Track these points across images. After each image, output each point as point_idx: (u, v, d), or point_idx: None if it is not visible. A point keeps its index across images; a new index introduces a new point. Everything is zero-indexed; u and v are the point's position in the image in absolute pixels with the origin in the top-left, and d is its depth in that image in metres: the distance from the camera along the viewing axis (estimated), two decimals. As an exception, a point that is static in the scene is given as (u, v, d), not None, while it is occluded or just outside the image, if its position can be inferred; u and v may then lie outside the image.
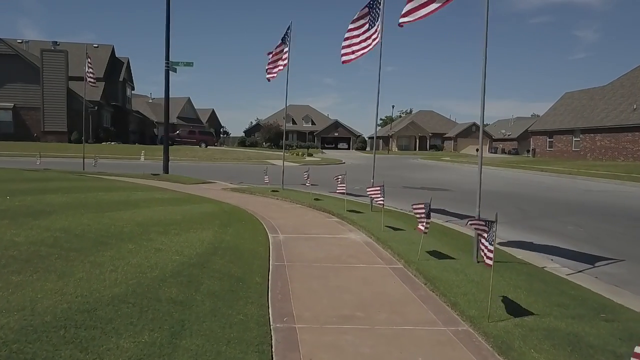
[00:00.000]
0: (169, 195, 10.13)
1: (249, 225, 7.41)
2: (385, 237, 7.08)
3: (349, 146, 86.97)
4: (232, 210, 8.95)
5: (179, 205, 8.54)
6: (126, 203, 7.98)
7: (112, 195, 8.72)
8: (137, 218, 6.56)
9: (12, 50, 40.73)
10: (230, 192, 13.23)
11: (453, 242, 7.08)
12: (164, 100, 17.39)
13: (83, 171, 17.36)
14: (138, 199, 8.71)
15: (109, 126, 46.65)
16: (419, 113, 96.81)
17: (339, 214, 9.32)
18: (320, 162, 37.12)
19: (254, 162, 31.56)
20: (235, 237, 6.25)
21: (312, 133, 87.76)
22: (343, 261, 5.77)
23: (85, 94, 42.72)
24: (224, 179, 18.27)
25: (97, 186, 10.09)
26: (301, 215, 9.38)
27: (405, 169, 32.06)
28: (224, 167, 27.90)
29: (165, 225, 6.27)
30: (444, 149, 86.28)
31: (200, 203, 9.44)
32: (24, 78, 40.54)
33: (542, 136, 52.40)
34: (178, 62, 16.79)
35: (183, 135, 51.88)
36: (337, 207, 10.06)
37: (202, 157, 34.61)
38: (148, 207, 7.78)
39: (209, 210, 8.36)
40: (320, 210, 10.08)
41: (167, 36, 16.76)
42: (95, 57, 49.68)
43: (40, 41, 49.79)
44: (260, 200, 11.68)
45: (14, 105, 40.68)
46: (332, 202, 11.15)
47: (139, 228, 5.86)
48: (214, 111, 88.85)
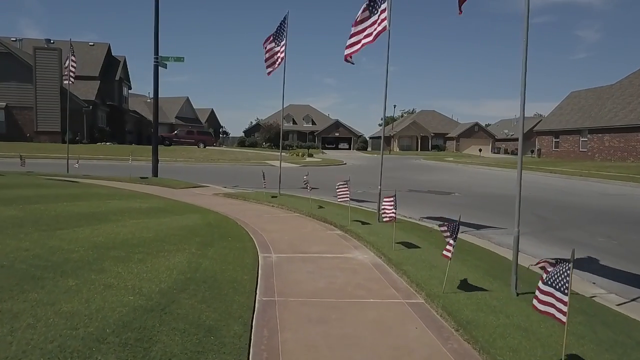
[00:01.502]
0: (149, 204, 8.97)
1: (236, 243, 6.24)
2: (398, 257, 5.92)
3: (350, 146, 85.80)
4: (219, 223, 7.78)
5: (157, 218, 7.38)
6: (91, 216, 6.81)
7: (79, 206, 7.55)
8: (96, 238, 5.40)
9: (4, 49, 39.57)
10: (221, 199, 12.07)
11: (479, 263, 5.91)
12: (153, 97, 16.21)
13: (66, 174, 16.21)
14: (109, 210, 7.54)
15: (104, 126, 45.46)
16: (421, 113, 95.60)
17: (342, 225, 8.15)
18: (320, 163, 35.94)
19: (253, 164, 30.39)
20: (216, 261, 5.08)
21: (313, 133, 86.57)
22: (349, 294, 4.61)
23: (80, 93, 41.84)
24: (219, 182, 17.12)
25: (67, 194, 8.92)
26: (299, 227, 8.21)
27: (409, 170, 30.87)
28: (220, 168, 26.74)
29: (130, 248, 5.10)
30: (446, 149, 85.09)
31: (183, 213, 8.27)
32: (16, 77, 39.41)
33: (548, 136, 51.18)
34: (168, 57, 15.62)
35: (181, 135, 50.78)
36: (340, 217, 8.90)
37: (199, 158, 33.46)
38: (117, 222, 6.62)
39: (191, 224, 7.19)
40: (321, 220, 8.91)
41: (155, 29, 15.60)
42: (90, 55, 48.65)
43: (34, 39, 48.69)
44: (254, 208, 10.52)
45: (7, 105, 39.56)
46: (334, 210, 9.98)
47: (92, 253, 4.70)
48: (213, 111, 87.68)
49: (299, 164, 32.28)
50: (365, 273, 5.41)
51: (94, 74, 46.18)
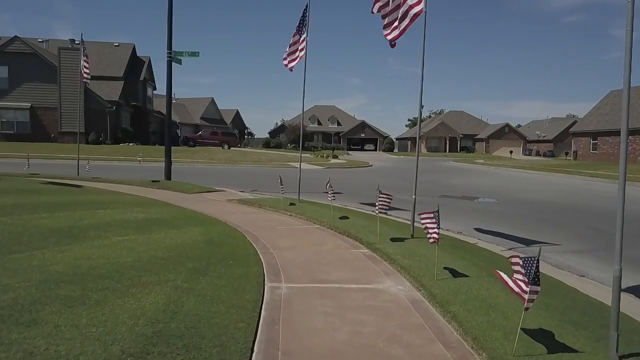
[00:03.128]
0: (147, 214, 7.82)
1: (239, 268, 5.01)
2: (442, 291, 4.61)
3: (375, 147, 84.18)
4: (223, 239, 6.57)
5: (149, 233, 6.22)
6: (65, 233, 5.62)
7: (56, 219, 6.41)
8: (54, 266, 4.21)
9: (30, 49, 39.53)
10: (235, 206, 10.90)
11: (548, 301, 4.53)
12: (167, 95, 15.20)
13: (75, 176, 15.33)
14: (93, 223, 6.39)
15: (127, 127, 45.05)
16: (449, 113, 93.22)
17: (369, 242, 6.85)
18: (345, 164, 34.61)
19: (275, 166, 29.27)
20: (206, 299, 3.86)
21: (338, 134, 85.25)
22: (381, 354, 3.32)
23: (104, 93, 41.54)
24: (237, 185, 16.00)
25: (51, 202, 7.78)
26: (318, 244, 6.94)
27: (439, 172, 29.29)
28: (241, 170, 25.71)
29: (92, 281, 3.90)
30: (475, 150, 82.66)
31: (184, 226, 7.08)
32: (41, 77, 39.33)
33: (585, 137, 48.69)
34: (182, 52, 14.59)
35: (205, 136, 50.23)
36: (366, 231, 7.60)
37: (221, 159, 32.54)
38: (95, 239, 5.44)
39: (188, 241, 6.00)
40: (344, 235, 7.62)
41: (169, 23, 14.57)
42: (115, 56, 48.46)
43: (60, 40, 48.73)
44: (269, 217, 9.29)
45: (31, 105, 39.50)
46: (360, 221, 8.69)
47: (35, 291, 3.51)
48: (239, 112, 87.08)
49: (323, 166, 31.03)
50: (401, 316, 4.11)
51: (118, 75, 45.89)
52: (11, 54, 38.90)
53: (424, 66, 7.19)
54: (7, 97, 39.13)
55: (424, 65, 7.20)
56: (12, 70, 39.01)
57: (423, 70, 7.21)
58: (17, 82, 39.16)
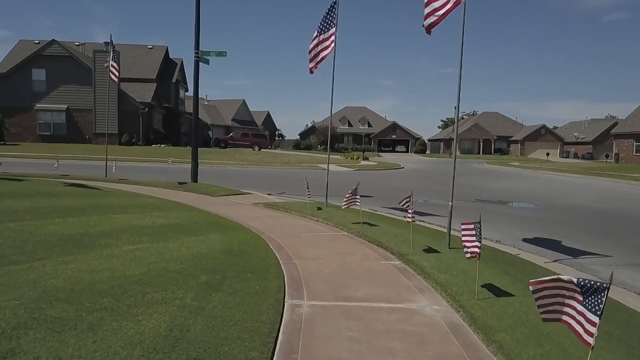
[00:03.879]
0: (167, 220, 7.45)
1: (256, 283, 4.56)
2: (484, 313, 4.05)
3: (407, 149, 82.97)
4: (244, 247, 6.14)
5: (165, 241, 5.83)
6: (74, 240, 5.22)
7: (68, 225, 6.04)
8: (52, 280, 3.80)
9: (66, 52, 40.36)
10: (260, 210, 10.51)
11: (613, 329, 3.92)
12: (193, 95, 14.97)
13: (103, 178, 15.27)
14: (106, 229, 5.99)
15: (159, 128, 45.52)
16: (483, 114, 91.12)
17: (401, 253, 6.30)
18: (376, 166, 33.95)
19: (304, 167, 28.87)
20: (215, 321, 3.41)
21: (369, 135, 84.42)
22: (416, 394, 2.82)
23: (137, 95, 42.05)
24: (265, 187, 15.65)
25: (67, 206, 7.38)
26: (345, 254, 6.44)
27: (473, 175, 28.32)
28: (270, 172, 25.41)
29: (89, 299, 3.45)
30: (509, 152, 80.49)
31: (203, 233, 6.68)
32: (77, 80, 40.07)
33: (628, 139, 46.60)
34: (209, 51, 14.32)
35: (236, 137, 50.36)
36: (398, 240, 7.06)
37: (251, 160, 32.35)
38: (104, 248, 5.06)
39: (205, 250, 5.58)
40: (374, 243, 7.09)
41: (197, 22, 14.33)
42: (148, 58, 49.10)
43: (96, 43, 49.66)
44: (295, 223, 8.84)
45: (68, 107, 40.29)
46: (390, 228, 8.14)
47: (23, 312, 3.10)
48: (270, 114, 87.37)
49: (353, 168, 30.47)
50: (438, 344, 3.57)
51: (151, 77, 46.42)
52: (49, 57, 39.80)
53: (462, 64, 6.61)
54: (45, 99, 40.03)
55: (462, 60, 6.62)
56: (50, 73, 39.89)
57: (461, 67, 6.62)
58: (54, 85, 40.02)
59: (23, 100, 39.27)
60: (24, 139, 39.02)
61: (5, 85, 39.31)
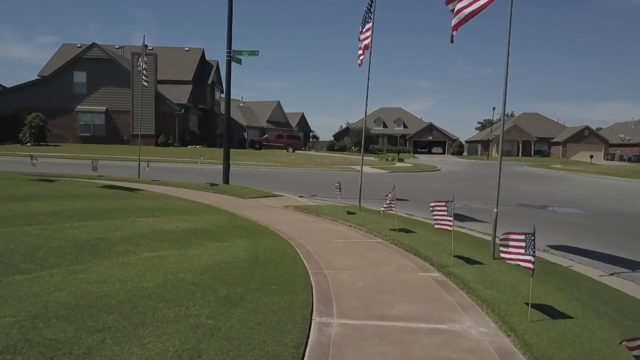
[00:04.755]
0: (193, 224, 7.11)
1: (281, 297, 4.15)
2: (541, 339, 3.52)
3: (444, 150, 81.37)
4: (271, 255, 5.74)
5: (187, 247, 5.49)
6: (91, 246, 4.91)
7: (89, 229, 5.72)
8: (55, 293, 3.42)
9: (106, 55, 41.22)
10: (291, 213, 10.12)
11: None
12: (225, 96, 14.76)
13: (136, 179, 15.24)
14: (126, 234, 5.68)
15: (195, 129, 45.97)
16: (523, 115, 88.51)
17: (441, 264, 5.78)
18: (412, 168, 33.17)
19: (338, 169, 28.44)
20: (232, 344, 3.01)
21: (404, 137, 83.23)
22: None
23: (173, 97, 42.55)
24: (297, 189, 15.30)
25: (91, 209, 7.13)
26: (380, 264, 5.96)
27: (513, 178, 27.23)
28: (303, 174, 25.09)
29: (91, 316, 3.08)
30: (550, 155, 77.84)
31: (229, 239, 6.32)
32: (116, 82, 40.83)
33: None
34: (242, 50, 14.07)
35: (271, 139, 50.46)
36: (437, 249, 6.53)
37: (284, 162, 32.16)
38: (121, 256, 4.70)
39: (229, 259, 5.20)
40: (411, 252, 6.58)
41: (229, 21, 14.10)
42: (185, 60, 49.69)
43: (134, 46, 50.57)
44: (326, 228, 8.41)
45: (107, 109, 41.12)
46: (429, 235, 7.60)
47: (16, 332, 2.81)
48: (304, 115, 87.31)
49: (387, 170, 29.82)
50: (488, 377, 3.08)
51: (188, 79, 46.94)
52: (89, 60, 40.74)
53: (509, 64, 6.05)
54: (85, 101, 40.97)
55: (508, 60, 6.06)
56: (90, 76, 40.81)
57: (508, 67, 6.06)
58: (94, 87, 40.92)
59: (65, 102, 40.30)
60: (65, 140, 40.04)
61: (48, 88, 40.47)
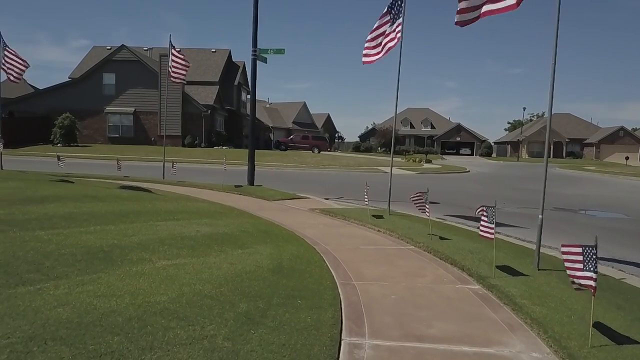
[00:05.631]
0: (214, 228, 6.73)
1: (307, 313, 3.75)
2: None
3: (472, 152, 79.86)
4: (296, 264, 5.35)
5: (206, 255, 5.10)
6: (104, 254, 4.56)
7: (104, 233, 5.35)
8: (57, 309, 3.07)
9: (134, 57, 41.67)
10: (317, 216, 9.73)
11: None
12: (251, 96, 14.49)
13: (162, 179, 15.10)
14: (143, 240, 5.24)
15: (221, 130, 46.08)
16: (554, 116, 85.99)
17: (481, 276, 5.29)
18: (440, 170, 32.43)
19: (363, 170, 27.94)
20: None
21: (432, 137, 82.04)
22: None
23: (200, 98, 42.71)
24: (322, 191, 14.92)
25: (108, 212, 6.73)
26: (414, 274, 5.50)
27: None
28: (329, 175, 24.70)
29: (93, 337, 2.68)
30: (583, 156, 75.55)
31: (252, 244, 5.94)
32: (144, 83, 41.22)
33: None
34: (267, 49, 13.76)
35: (296, 140, 50.32)
36: (475, 258, 6.03)
37: (310, 163, 31.82)
38: (135, 265, 4.31)
39: (251, 267, 4.81)
40: (446, 261, 6.10)
41: (254, 19, 13.80)
42: (212, 61, 49.91)
43: (162, 48, 51.01)
44: (354, 233, 7.97)
45: (135, 110, 41.54)
46: (464, 242, 7.09)
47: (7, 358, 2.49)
48: (330, 116, 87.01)
49: (415, 171, 29.18)
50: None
51: (214, 79, 47.12)
52: (118, 61, 41.27)
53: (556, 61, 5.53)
54: (114, 102, 41.48)
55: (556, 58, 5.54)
56: (119, 77, 41.32)
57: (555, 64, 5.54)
58: (122, 88, 41.40)
59: (94, 103, 40.88)
60: (95, 141, 40.63)
61: (78, 89, 41.14)
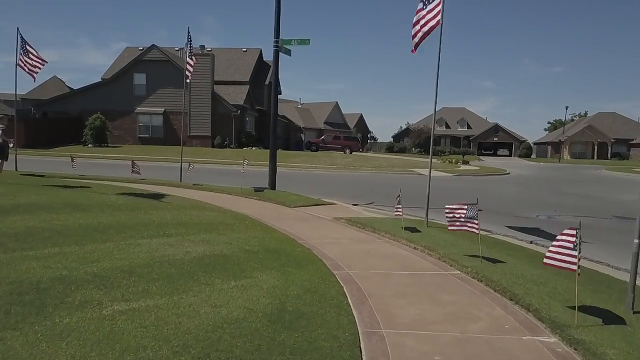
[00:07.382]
0: (212, 247, 5.44)
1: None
2: None
3: (510, 152, 76.90)
4: (306, 302, 4.04)
5: (184, 291, 3.77)
6: (30, 294, 3.41)
7: (55, 260, 4.12)
8: None
9: (165, 57, 41.32)
10: (342, 227, 8.42)
11: None
12: (273, 90, 13.24)
13: (179, 182, 14.10)
14: (106, 268, 3.91)
15: (251, 130, 45.27)
16: (598, 115, 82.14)
17: (556, 322, 3.88)
18: (478, 171, 30.58)
19: (397, 172, 26.45)
20: None
21: (468, 138, 79.44)
22: None
23: (230, 98, 41.99)
24: (351, 195, 13.60)
25: (95, 225, 5.64)
26: (462, 317, 4.14)
27: (594, 184, 24.18)
28: (360, 177, 23.35)
29: None
30: (630, 157, 71.55)
31: (253, 272, 4.63)
32: (173, 83, 40.76)
33: None
34: (290, 40, 12.51)
35: (328, 140, 49.11)
36: (541, 291, 4.60)
37: (340, 164, 30.50)
38: (78, 310, 3.06)
39: (241, 313, 3.45)
40: (502, 294, 4.68)
41: (277, 9, 12.60)
42: (242, 61, 49.22)
43: (195, 48, 50.74)
44: (384, 251, 6.63)
45: (164, 110, 41.17)
46: (522, 265, 5.65)
47: None
48: (362, 116, 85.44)
49: (452, 173, 27.48)
50: None
51: (244, 79, 46.39)
52: (149, 62, 41.01)
53: None
54: (144, 103, 41.24)
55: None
56: (149, 77, 41.06)
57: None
58: (153, 89, 41.11)
59: (125, 104, 40.73)
60: (125, 142, 40.46)
61: (110, 90, 41.07)
